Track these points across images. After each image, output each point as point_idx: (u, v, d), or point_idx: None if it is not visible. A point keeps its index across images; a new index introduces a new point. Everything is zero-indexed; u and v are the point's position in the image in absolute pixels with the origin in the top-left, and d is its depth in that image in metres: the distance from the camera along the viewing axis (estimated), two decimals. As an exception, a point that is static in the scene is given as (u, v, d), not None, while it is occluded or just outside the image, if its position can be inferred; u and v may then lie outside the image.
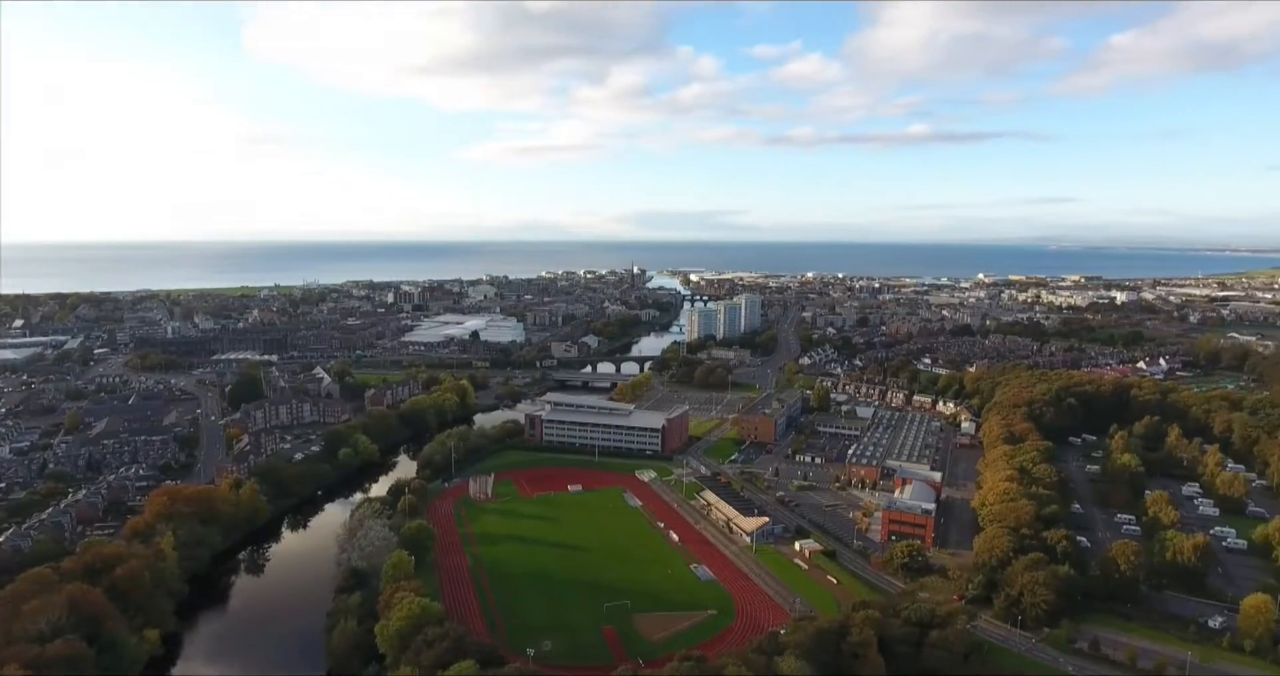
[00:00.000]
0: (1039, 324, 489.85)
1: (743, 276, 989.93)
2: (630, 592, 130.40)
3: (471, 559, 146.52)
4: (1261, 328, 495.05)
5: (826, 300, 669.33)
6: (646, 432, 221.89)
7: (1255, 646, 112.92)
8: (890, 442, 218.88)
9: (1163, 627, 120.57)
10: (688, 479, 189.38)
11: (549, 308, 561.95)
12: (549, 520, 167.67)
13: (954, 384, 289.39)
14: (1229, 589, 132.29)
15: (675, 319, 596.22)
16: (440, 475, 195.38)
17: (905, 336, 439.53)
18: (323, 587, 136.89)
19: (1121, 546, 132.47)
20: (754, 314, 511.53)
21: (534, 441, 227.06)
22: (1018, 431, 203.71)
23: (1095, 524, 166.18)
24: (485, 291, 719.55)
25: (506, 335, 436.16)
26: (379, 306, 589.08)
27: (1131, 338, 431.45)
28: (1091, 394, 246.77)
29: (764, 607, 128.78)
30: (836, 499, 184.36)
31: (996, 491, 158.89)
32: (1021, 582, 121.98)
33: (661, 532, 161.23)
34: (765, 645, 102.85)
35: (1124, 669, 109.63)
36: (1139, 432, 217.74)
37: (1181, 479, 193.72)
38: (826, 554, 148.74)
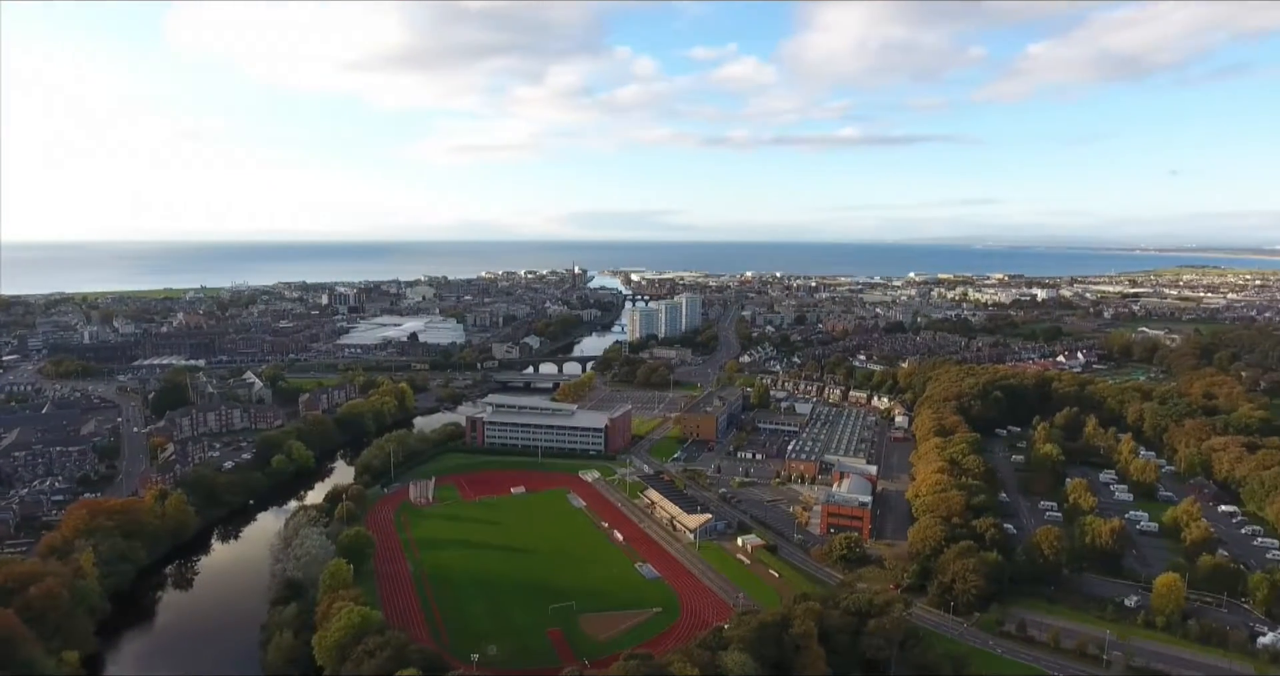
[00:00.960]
0: (966, 321, 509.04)
1: (683, 276, 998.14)
2: (575, 593, 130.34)
3: (413, 565, 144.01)
4: (1168, 322, 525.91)
5: (765, 299, 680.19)
6: (589, 433, 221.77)
7: (1166, 622, 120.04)
8: (828, 437, 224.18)
9: (1083, 608, 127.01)
10: (631, 478, 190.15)
11: (489, 308, 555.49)
12: (492, 523, 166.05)
13: (888, 379, 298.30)
14: (1143, 569, 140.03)
15: (617, 318, 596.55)
16: (379, 480, 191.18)
17: (841, 334, 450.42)
18: (256, 600, 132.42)
19: (1045, 532, 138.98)
20: (694, 313, 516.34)
21: (475, 444, 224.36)
22: (948, 424, 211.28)
23: (1021, 511, 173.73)
24: (424, 292, 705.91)
25: (446, 337, 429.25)
26: (313, 309, 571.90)
27: (1051, 333, 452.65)
28: (1016, 387, 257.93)
29: (708, 603, 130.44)
30: (777, 494, 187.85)
31: (929, 482, 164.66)
32: (953, 570, 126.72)
33: (606, 532, 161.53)
34: (710, 640, 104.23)
35: (1048, 649, 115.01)
36: (1059, 423, 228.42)
37: (1099, 466, 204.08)
38: (768, 548, 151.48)
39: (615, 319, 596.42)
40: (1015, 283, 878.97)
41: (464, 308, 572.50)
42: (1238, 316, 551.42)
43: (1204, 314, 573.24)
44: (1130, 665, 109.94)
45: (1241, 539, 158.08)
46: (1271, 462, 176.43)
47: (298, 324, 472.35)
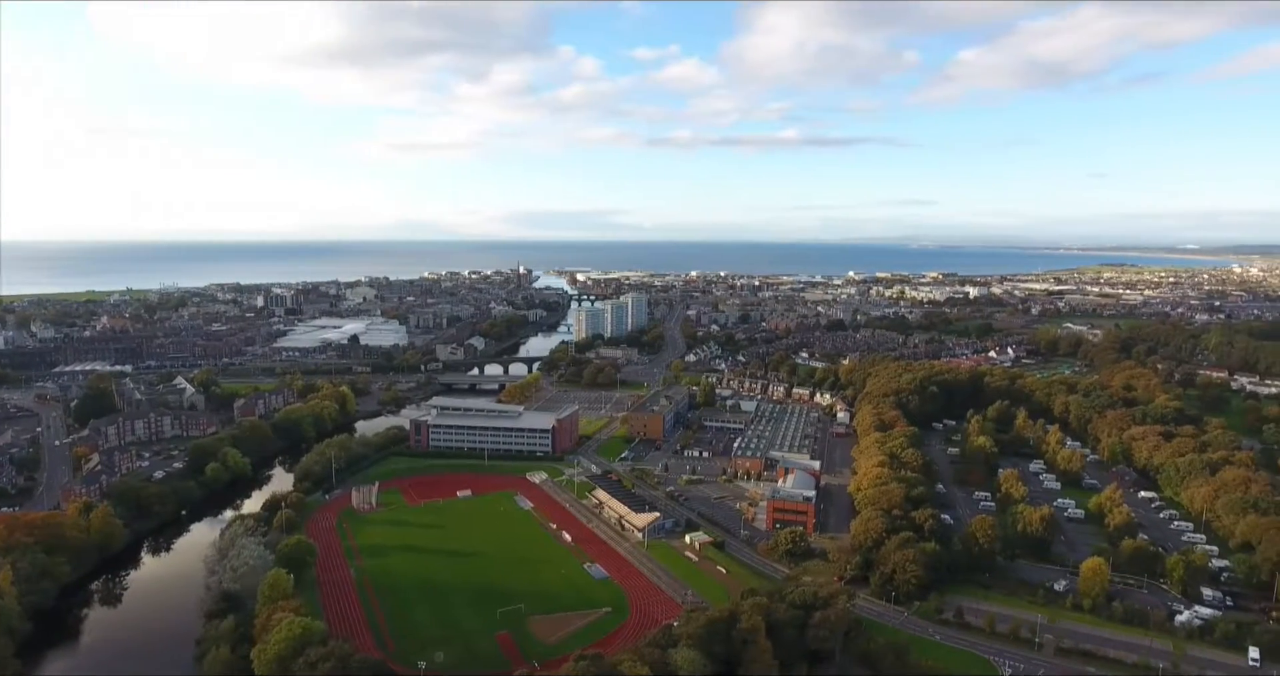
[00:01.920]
0: (904, 318, 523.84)
1: (629, 276, 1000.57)
2: (524, 596, 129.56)
3: (356, 572, 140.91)
4: (1091, 318, 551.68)
5: (710, 298, 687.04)
6: (536, 434, 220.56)
7: (1093, 604, 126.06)
8: (773, 434, 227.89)
9: (1016, 593, 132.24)
10: (579, 478, 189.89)
11: (433, 309, 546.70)
12: (438, 527, 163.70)
13: (830, 376, 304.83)
14: (1070, 554, 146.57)
15: (563, 319, 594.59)
16: (320, 487, 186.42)
17: (784, 332, 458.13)
18: (190, 614, 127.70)
19: (980, 521, 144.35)
20: (640, 312, 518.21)
21: (420, 447, 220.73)
22: (887, 419, 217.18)
23: (957, 502, 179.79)
24: (365, 293, 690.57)
25: (388, 338, 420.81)
26: (248, 311, 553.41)
27: (983, 329, 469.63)
28: (951, 382, 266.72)
29: (657, 602, 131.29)
30: (724, 491, 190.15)
31: (870, 476, 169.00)
32: (894, 561, 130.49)
33: (554, 533, 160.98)
34: (659, 638, 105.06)
35: (984, 634, 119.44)
36: (992, 416, 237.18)
37: (1029, 457, 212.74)
38: (716, 545, 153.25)
39: (561, 319, 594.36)
40: (949, 281, 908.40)
41: (406, 309, 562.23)
42: (1154, 312, 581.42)
43: (1123, 310, 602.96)
44: (1060, 646, 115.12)
45: (1160, 523, 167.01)
46: (1185, 450, 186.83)
47: (232, 327, 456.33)
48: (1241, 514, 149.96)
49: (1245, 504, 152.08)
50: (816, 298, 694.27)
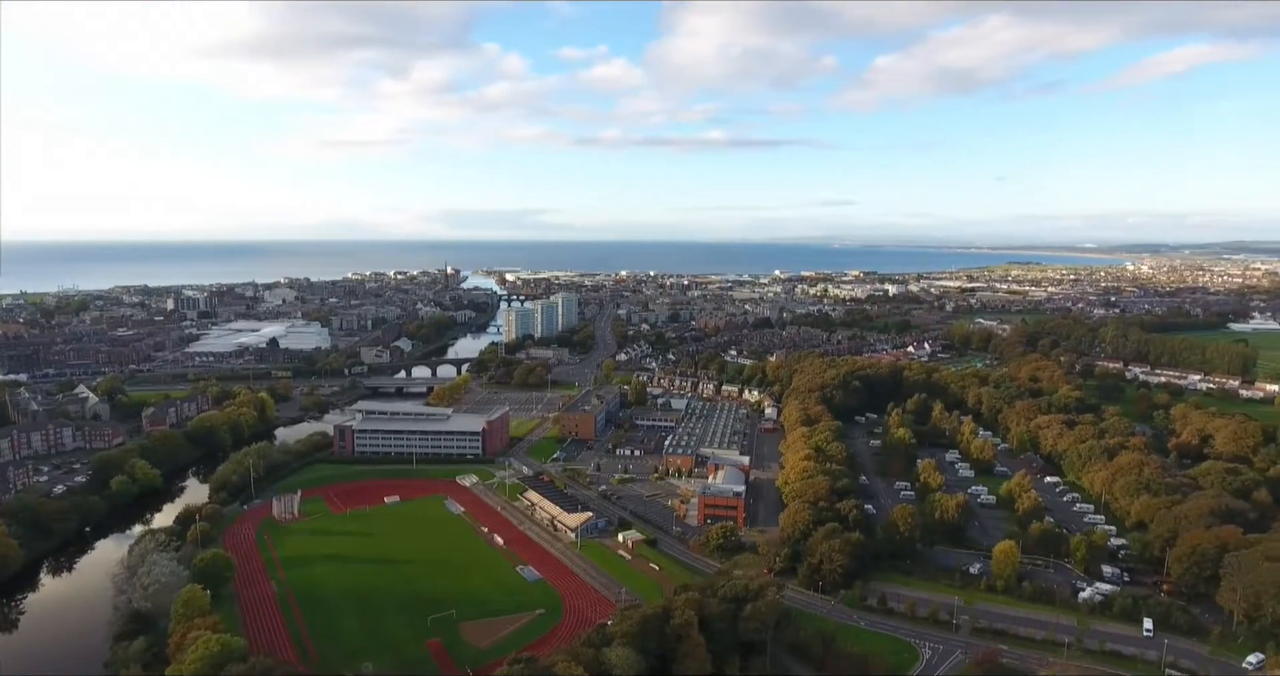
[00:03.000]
0: (827, 315, 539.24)
1: (559, 275, 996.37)
2: (455, 601, 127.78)
3: (278, 585, 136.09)
4: (1000, 314, 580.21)
5: (640, 297, 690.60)
6: (466, 436, 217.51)
7: (1005, 585, 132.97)
8: (703, 431, 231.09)
9: (935, 578, 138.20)
10: (510, 480, 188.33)
11: (357, 311, 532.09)
12: (364, 535, 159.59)
13: (758, 373, 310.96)
14: (984, 539, 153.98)
15: (492, 319, 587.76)
16: (238, 497, 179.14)
17: (713, 330, 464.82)
18: (98, 637, 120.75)
19: (900, 510, 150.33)
20: (571, 312, 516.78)
21: (345, 453, 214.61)
22: (813, 414, 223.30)
23: (879, 492, 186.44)
24: (284, 295, 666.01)
25: (310, 342, 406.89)
26: (156, 314, 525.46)
27: (902, 325, 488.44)
28: (872, 377, 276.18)
29: (591, 601, 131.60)
30: (656, 489, 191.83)
31: (797, 470, 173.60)
32: (821, 551, 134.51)
33: (485, 537, 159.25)
34: (593, 638, 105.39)
35: (906, 618, 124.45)
36: (910, 409, 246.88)
37: (945, 447, 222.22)
38: (648, 542, 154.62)
39: (490, 319, 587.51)
40: (870, 279, 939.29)
41: (329, 310, 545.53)
42: (1056, 307, 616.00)
43: (1029, 306, 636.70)
44: (976, 627, 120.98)
45: (1064, 506, 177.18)
46: (1086, 437, 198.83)
47: (139, 331, 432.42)
48: (1136, 495, 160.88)
49: (1139, 486, 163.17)
50: (744, 296, 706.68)
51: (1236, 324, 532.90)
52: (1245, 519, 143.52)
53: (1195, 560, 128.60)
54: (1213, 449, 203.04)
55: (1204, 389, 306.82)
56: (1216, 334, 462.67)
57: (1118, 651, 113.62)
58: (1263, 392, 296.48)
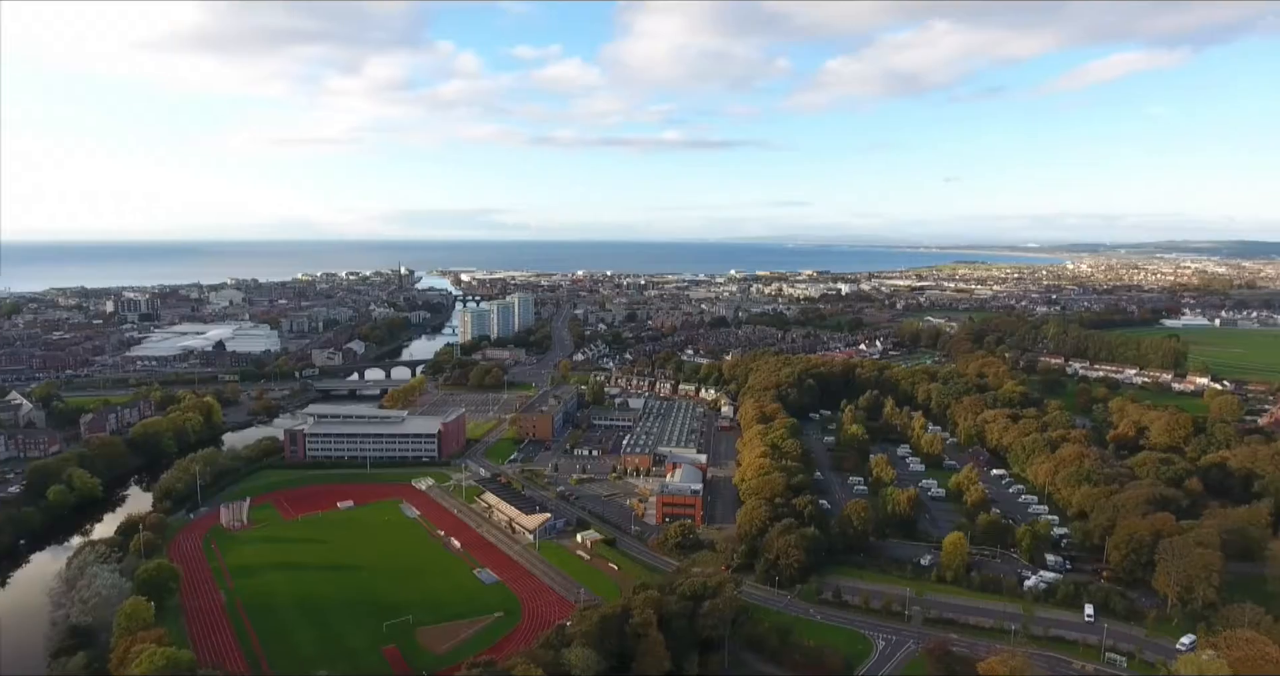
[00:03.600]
0: (782, 314, 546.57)
1: (515, 275, 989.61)
2: (411, 607, 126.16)
3: (227, 595, 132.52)
4: (948, 312, 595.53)
5: (597, 297, 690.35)
6: (422, 439, 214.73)
7: (954, 576, 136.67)
8: (661, 430, 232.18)
9: (888, 570, 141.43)
10: (467, 482, 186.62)
11: (307, 312, 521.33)
12: (317, 541, 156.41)
13: (714, 372, 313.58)
14: (934, 531, 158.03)
15: (447, 320, 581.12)
16: (184, 506, 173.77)
17: (670, 330, 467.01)
18: (34, 654, 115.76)
19: (854, 505, 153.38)
20: (527, 313, 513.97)
21: (296, 458, 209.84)
22: (768, 411, 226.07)
23: (834, 487, 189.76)
24: (231, 297, 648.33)
25: (259, 344, 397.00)
26: (95, 318, 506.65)
27: (854, 324, 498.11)
28: (826, 374, 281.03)
29: (550, 602, 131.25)
30: (614, 488, 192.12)
31: (753, 467, 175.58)
32: (777, 547, 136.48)
33: (442, 540, 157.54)
34: (552, 639, 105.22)
35: (860, 611, 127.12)
36: (863, 405, 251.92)
37: (896, 442, 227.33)
38: (607, 542, 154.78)
39: (446, 320, 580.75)
40: (823, 278, 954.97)
41: (278, 312, 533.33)
42: (1001, 305, 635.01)
43: (976, 304, 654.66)
44: (927, 617, 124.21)
45: (1010, 497, 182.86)
46: (1029, 430, 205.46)
47: (76, 335, 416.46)
48: (1077, 486, 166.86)
49: (1080, 477, 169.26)
50: (700, 296, 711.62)
51: (1169, 320, 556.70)
52: (1178, 506, 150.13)
53: (1132, 547, 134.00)
54: (1147, 440, 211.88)
55: (1139, 383, 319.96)
56: (1150, 330, 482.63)
57: (1061, 636, 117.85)
58: (1193, 386, 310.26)
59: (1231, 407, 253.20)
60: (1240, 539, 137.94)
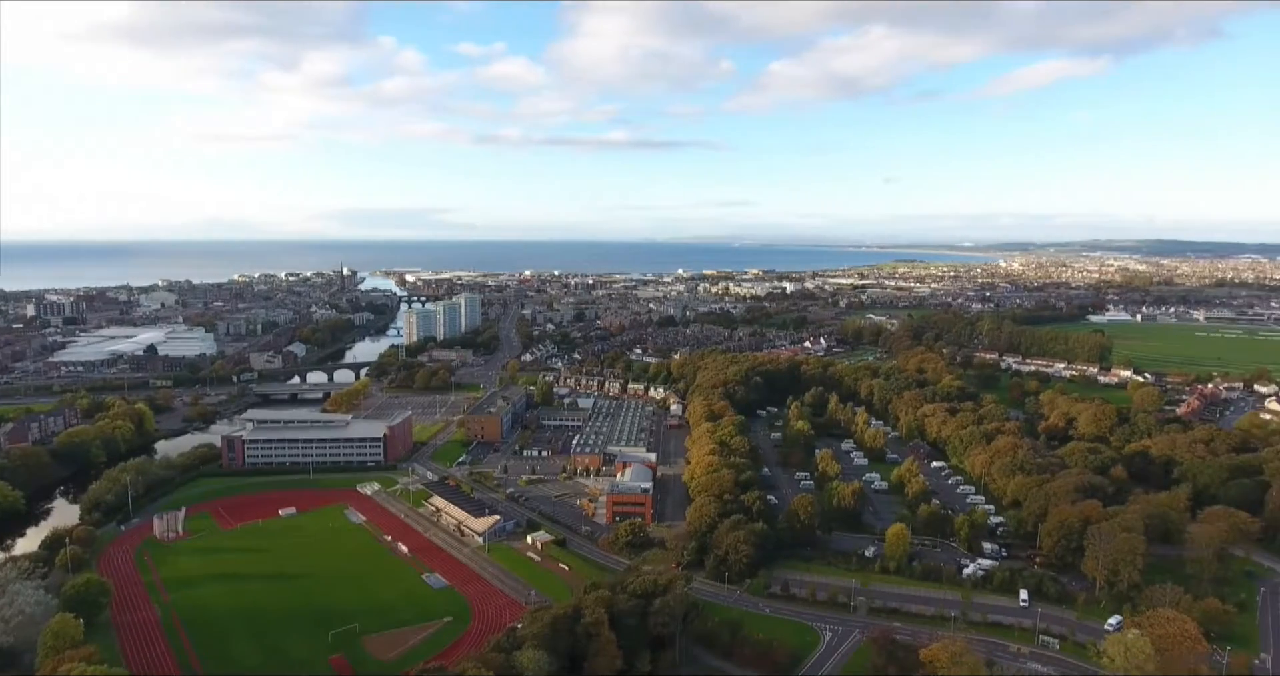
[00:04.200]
0: (729, 313, 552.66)
1: (461, 275, 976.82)
2: (358, 614, 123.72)
3: (162, 609, 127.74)
4: (889, 309, 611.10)
5: (545, 297, 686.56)
6: (367, 443, 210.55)
7: (897, 566, 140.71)
8: (610, 430, 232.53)
9: (834, 562, 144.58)
10: (414, 486, 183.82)
11: (245, 314, 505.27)
12: (258, 551, 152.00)
13: (663, 371, 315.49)
14: (878, 523, 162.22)
15: (392, 321, 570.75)
16: (114, 518, 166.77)
17: (619, 329, 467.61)
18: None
19: (801, 499, 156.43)
20: (474, 313, 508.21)
21: (235, 465, 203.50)
22: (717, 409, 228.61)
23: (781, 482, 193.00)
24: (163, 299, 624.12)
25: (193, 348, 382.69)
26: (15, 321, 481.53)
27: (799, 322, 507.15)
28: (772, 372, 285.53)
29: (500, 605, 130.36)
30: (564, 488, 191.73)
31: (702, 464, 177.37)
32: (726, 543, 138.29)
33: (389, 546, 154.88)
34: (503, 642, 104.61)
35: (808, 603, 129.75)
36: (808, 401, 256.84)
37: (841, 437, 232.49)
38: (557, 543, 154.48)
39: (390, 322, 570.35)
40: (768, 277, 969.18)
41: (214, 315, 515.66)
42: (939, 302, 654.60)
43: (915, 301, 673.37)
44: (871, 607, 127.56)
45: (949, 488, 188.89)
46: (966, 423, 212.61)
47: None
48: (1011, 476, 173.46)
49: (1014, 467, 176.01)
50: (648, 295, 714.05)
51: (1094, 315, 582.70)
52: (1104, 493, 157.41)
53: (1063, 533, 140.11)
54: (1076, 430, 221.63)
55: (1068, 376, 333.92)
56: (1077, 325, 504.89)
57: (998, 621, 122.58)
58: (1117, 378, 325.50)
59: (1152, 398, 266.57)
60: (1161, 523, 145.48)
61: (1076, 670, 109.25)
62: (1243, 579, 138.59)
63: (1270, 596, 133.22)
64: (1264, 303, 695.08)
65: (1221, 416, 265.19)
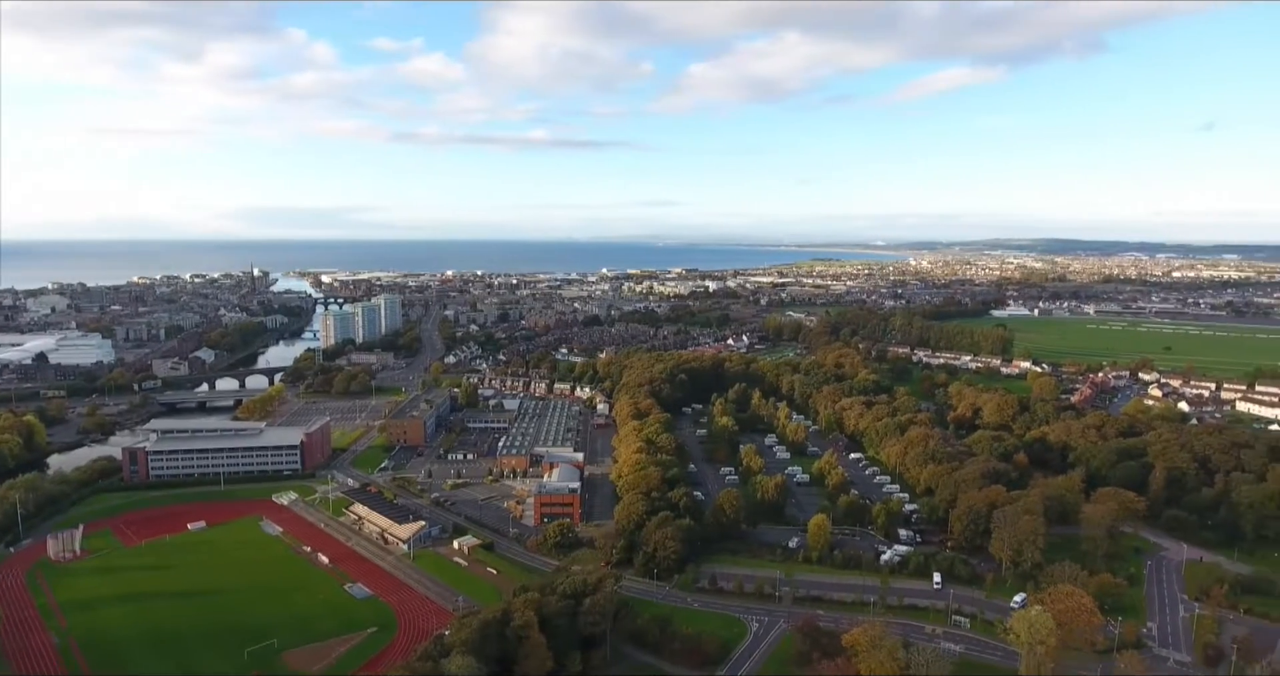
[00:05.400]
0: (654, 312, 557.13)
1: (380, 276, 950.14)
2: (276, 629, 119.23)
3: (58, 635, 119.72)
4: (808, 306, 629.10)
5: (468, 298, 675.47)
6: (282, 451, 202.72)
7: (819, 556, 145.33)
8: (537, 430, 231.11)
9: (759, 555, 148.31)
10: (334, 494, 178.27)
11: (147, 319, 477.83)
12: (165, 568, 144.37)
13: (589, 370, 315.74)
14: (800, 515, 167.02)
15: (308, 324, 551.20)
16: (3, 538, 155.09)
17: (544, 329, 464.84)
18: None
19: (726, 494, 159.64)
20: (394, 314, 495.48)
21: (138, 479, 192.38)
22: (643, 407, 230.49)
23: (707, 478, 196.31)
24: (53, 303, 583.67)
25: (88, 355, 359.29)
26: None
27: (722, 319, 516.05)
28: (697, 369, 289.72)
29: (427, 613, 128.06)
30: (491, 491, 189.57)
31: (630, 463, 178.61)
32: (655, 540, 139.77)
33: (308, 557, 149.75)
34: (430, 650, 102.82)
35: (735, 596, 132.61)
36: (732, 398, 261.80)
37: (764, 432, 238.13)
38: (485, 547, 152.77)
39: (306, 325, 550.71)
40: (692, 276, 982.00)
41: (111, 320, 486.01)
42: (854, 300, 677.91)
43: (832, 299, 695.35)
44: (796, 596, 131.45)
45: (866, 479, 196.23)
46: (881, 415, 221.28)
47: None
48: (923, 465, 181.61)
49: (926, 456, 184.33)
50: (573, 294, 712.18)
51: (996, 311, 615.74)
52: (1008, 479, 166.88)
53: (971, 518, 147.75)
54: (982, 420, 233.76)
55: (974, 368, 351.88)
56: (981, 320, 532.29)
57: (914, 604, 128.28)
58: (1018, 369, 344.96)
59: (1049, 388, 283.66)
60: (1059, 505, 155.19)
61: (986, 647, 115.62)
62: (1131, 554, 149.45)
63: (1155, 569, 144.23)
64: (1145, 297, 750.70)
65: (1111, 403, 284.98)
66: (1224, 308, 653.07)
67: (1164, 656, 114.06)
